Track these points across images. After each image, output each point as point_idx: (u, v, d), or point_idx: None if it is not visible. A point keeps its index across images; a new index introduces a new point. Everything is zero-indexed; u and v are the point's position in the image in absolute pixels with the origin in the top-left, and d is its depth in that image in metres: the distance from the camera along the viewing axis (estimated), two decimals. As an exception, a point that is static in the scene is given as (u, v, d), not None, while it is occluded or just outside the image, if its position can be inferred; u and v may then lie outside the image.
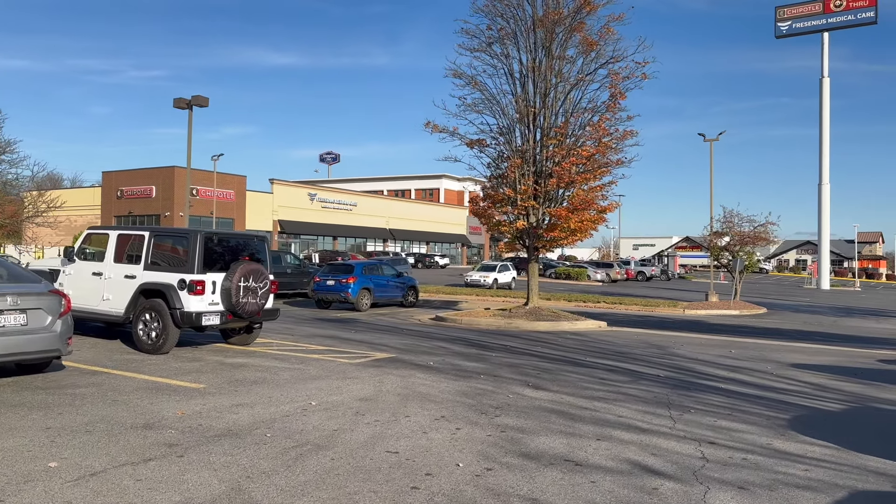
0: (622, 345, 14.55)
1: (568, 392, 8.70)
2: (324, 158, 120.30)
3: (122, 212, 60.13)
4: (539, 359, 11.71)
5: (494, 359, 11.45)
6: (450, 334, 15.44)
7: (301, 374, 9.15)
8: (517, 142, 19.57)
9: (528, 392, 8.60)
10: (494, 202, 20.19)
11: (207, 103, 33.25)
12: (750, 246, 32.57)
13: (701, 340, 16.11)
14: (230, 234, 12.04)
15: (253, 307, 10.58)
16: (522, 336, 15.74)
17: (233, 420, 6.56)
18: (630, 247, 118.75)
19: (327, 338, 13.50)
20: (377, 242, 74.87)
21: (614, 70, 18.43)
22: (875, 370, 11.87)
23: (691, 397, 8.67)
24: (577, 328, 18.13)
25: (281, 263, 25.83)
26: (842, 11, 64.09)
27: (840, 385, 10.04)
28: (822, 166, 64.52)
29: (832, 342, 17.29)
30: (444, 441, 6.12)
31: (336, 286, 21.94)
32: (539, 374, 10.06)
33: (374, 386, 8.52)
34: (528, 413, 7.39)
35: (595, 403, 8.05)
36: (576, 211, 18.77)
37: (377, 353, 11.38)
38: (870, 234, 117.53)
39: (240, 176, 60.37)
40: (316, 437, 6.05)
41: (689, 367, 11.41)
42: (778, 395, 9.09)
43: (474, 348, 12.86)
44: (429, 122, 19.04)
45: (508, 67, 19.57)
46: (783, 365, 12.07)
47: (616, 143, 18.88)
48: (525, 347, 13.33)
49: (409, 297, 24.53)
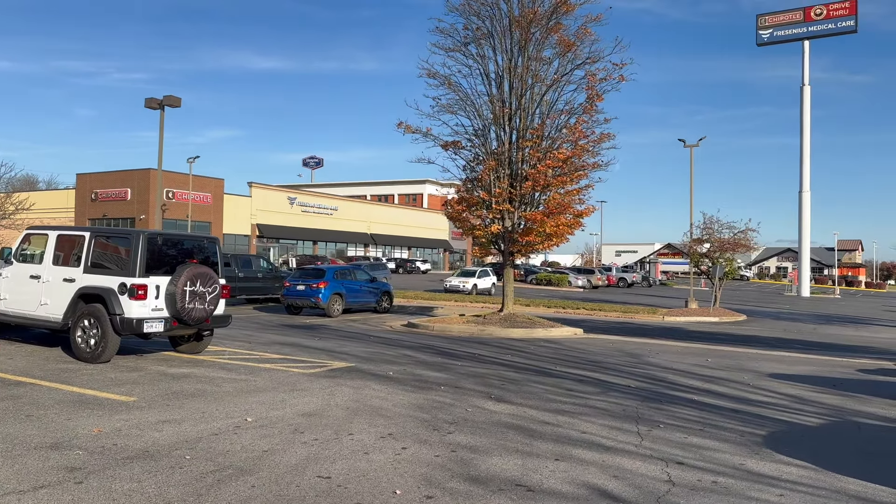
0: (596, 353, 14.04)
1: (532, 405, 8.15)
2: (307, 163, 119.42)
3: (97, 214, 58.90)
4: (507, 368, 11.16)
5: (460, 368, 10.87)
6: (419, 342, 14.85)
7: (246, 385, 8.51)
8: (492, 144, 19.08)
9: (489, 405, 8.04)
10: (469, 205, 19.66)
11: (179, 103, 32.49)
12: (730, 252, 32.30)
13: (677, 349, 15.65)
14: (177, 235, 11.37)
15: (200, 313, 9.91)
16: (494, 344, 15.19)
17: (153, 439, 5.92)
18: (613, 253, 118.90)
19: (287, 345, 12.85)
20: (358, 247, 74.07)
21: (591, 71, 18.03)
22: (854, 381, 11.45)
23: (662, 410, 8.15)
24: (551, 335, 17.61)
25: (252, 268, 25.15)
26: (822, 20, 64.58)
27: (819, 397, 9.59)
28: (802, 174, 64.84)
29: (811, 351, 16.93)
30: (386, 463, 5.53)
31: (306, 291, 21.28)
32: (504, 384, 9.50)
33: (322, 399, 7.90)
34: (484, 429, 6.82)
35: (559, 418, 7.50)
36: (551, 215, 18.28)
37: (335, 363, 10.76)
38: (849, 241, 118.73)
39: (217, 179, 59.40)
40: (241, 460, 5.43)
41: (662, 377, 10.91)
42: (754, 407, 8.60)
43: (441, 357, 12.28)
44: (401, 123, 18.50)
45: (484, 68, 19.10)
46: (760, 375, 11.61)
47: (593, 145, 18.45)
48: (494, 356, 12.77)
49: (383, 303, 23.91)
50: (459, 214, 19.94)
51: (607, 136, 18.37)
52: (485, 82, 19.10)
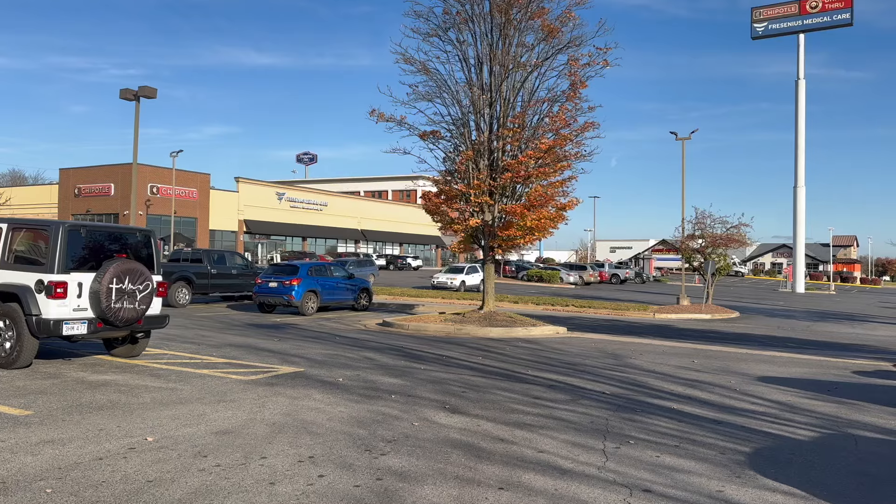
0: (575, 354, 13.14)
1: (489, 416, 7.24)
2: (301, 159, 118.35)
3: (80, 210, 57.77)
4: (473, 372, 10.25)
5: (421, 373, 9.96)
6: (387, 342, 13.93)
7: (169, 396, 7.58)
8: (472, 134, 18.13)
9: (441, 417, 7.12)
10: (448, 198, 18.72)
11: (155, 94, 31.54)
12: (722, 248, 31.44)
13: (663, 348, 14.77)
14: (105, 227, 10.42)
15: (130, 314, 8.97)
16: (469, 344, 14.27)
17: (20, 466, 4.99)
18: (607, 249, 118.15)
19: (241, 347, 11.92)
20: (349, 243, 73.09)
21: (574, 56, 17.09)
22: (850, 385, 10.57)
23: (635, 422, 7.25)
24: (531, 335, 16.70)
25: (226, 264, 24.18)
26: (818, 13, 63.72)
27: (812, 404, 8.70)
28: (797, 169, 64.06)
29: (805, 350, 16.06)
30: (290, 497, 4.61)
31: (279, 288, 20.34)
32: (465, 392, 8.59)
33: (248, 412, 6.98)
34: (425, 449, 5.91)
35: (516, 433, 6.59)
36: (533, 208, 17.36)
37: (284, 368, 9.83)
38: (845, 237, 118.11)
39: (203, 174, 58.30)
40: (113, 495, 4.51)
41: (641, 381, 10.01)
42: (739, 418, 7.71)
43: (405, 359, 11.36)
44: (374, 110, 17.50)
45: (462, 53, 18.14)
46: (749, 378, 10.73)
47: (576, 135, 17.52)
48: (463, 358, 11.85)
49: (361, 301, 22.99)
50: (437, 208, 19.01)
51: (591, 124, 17.44)
52: (463, 68, 18.16)
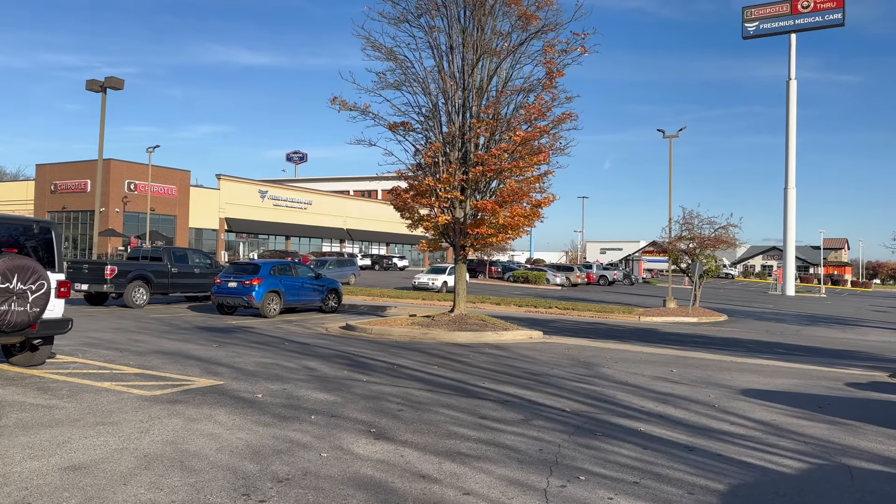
0: (543, 362, 12.03)
1: (419, 444, 6.11)
2: (290, 158, 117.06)
3: (56, 207, 56.36)
4: (422, 385, 9.11)
5: (360, 386, 8.81)
6: (340, 348, 12.78)
7: (41, 416, 6.41)
8: (443, 126, 17.01)
9: (360, 445, 5.99)
10: (418, 193, 17.57)
11: (122, 85, 30.41)
12: (711, 249, 30.44)
13: (642, 355, 13.68)
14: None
15: (20, 317, 7.79)
16: (430, 350, 13.14)
17: None
18: (598, 250, 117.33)
19: (168, 355, 10.74)
20: (334, 243, 71.84)
21: (549, 42, 15.99)
22: (844, 399, 9.51)
23: (591, 450, 6.14)
24: (502, 340, 15.59)
25: (187, 263, 22.95)
26: (809, 13, 62.99)
27: (800, 425, 7.62)
28: (788, 170, 63.31)
29: (794, 357, 15.02)
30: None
31: (238, 289, 19.14)
32: (401, 410, 7.45)
33: (124, 439, 5.82)
34: (321, 491, 4.77)
35: (445, 466, 5.47)
36: (505, 204, 16.26)
37: (202, 380, 8.66)
38: (835, 240, 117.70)
39: (183, 171, 56.97)
40: None
41: (610, 395, 8.91)
42: (716, 443, 6.62)
43: (350, 369, 10.22)
44: (335, 98, 16.29)
45: (433, 40, 17.02)
46: (731, 392, 9.65)
47: (553, 126, 16.43)
48: (417, 367, 10.72)
49: (329, 302, 21.82)
50: (406, 204, 17.86)
51: (568, 115, 16.36)
52: (434, 55, 17.05)
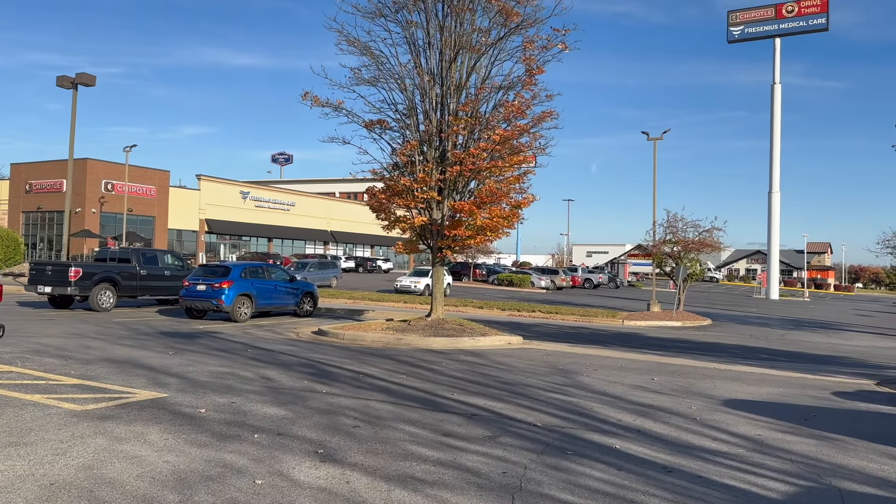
0: (520, 370, 11.48)
1: (370, 467, 5.53)
2: (276, 159, 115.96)
3: (31, 207, 55.16)
4: (386, 396, 8.52)
5: (318, 399, 8.20)
6: (306, 356, 12.15)
7: (-52, 435, 5.77)
8: (420, 124, 16.44)
9: (303, 470, 5.39)
10: (394, 193, 16.98)
11: (94, 82, 29.60)
12: (694, 253, 30.13)
13: (623, 362, 13.18)
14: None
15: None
16: (402, 357, 12.55)
17: None
18: (584, 254, 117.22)
19: (117, 363, 10.07)
20: (317, 245, 71.01)
21: (529, 38, 15.48)
22: (831, 411, 9.04)
23: (560, 472, 5.59)
24: (478, 346, 15.02)
25: (157, 265, 22.20)
26: (794, 17, 63.21)
27: (786, 441, 7.12)
28: (772, 174, 63.40)
29: (778, 363, 14.61)
30: None
31: (207, 292, 18.43)
32: (357, 427, 6.86)
33: (33, 462, 5.17)
34: (246, 525, 4.17)
35: (395, 494, 4.89)
36: (483, 205, 15.71)
37: (144, 392, 8.01)
38: (819, 244, 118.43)
39: (162, 171, 55.96)
40: None
41: (586, 407, 8.37)
42: (696, 462, 6.10)
43: (311, 379, 9.61)
44: (307, 93, 15.66)
45: (410, 36, 16.45)
46: (713, 402, 9.15)
47: (533, 125, 15.91)
48: (384, 377, 10.12)
49: (304, 306, 21.15)
50: (383, 205, 17.26)
51: (549, 114, 15.85)
52: (411, 51, 16.48)
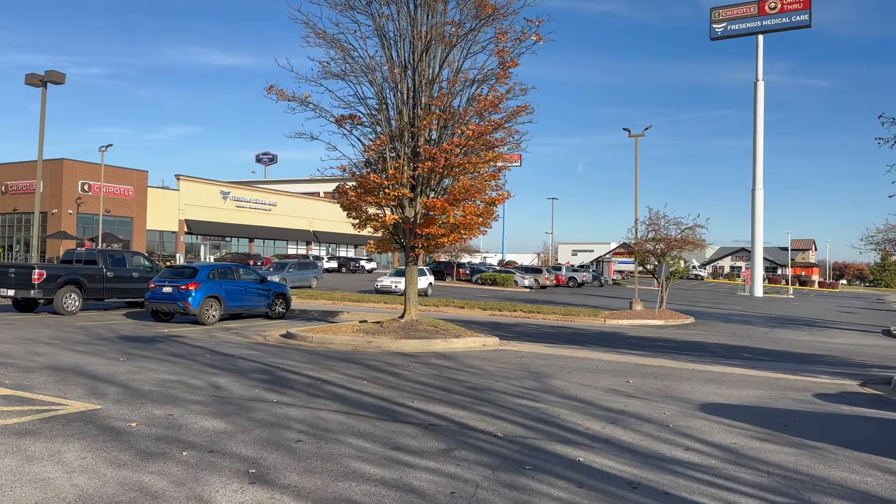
0: (490, 373, 10.98)
1: (303, 489, 4.98)
2: (260, 159, 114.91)
3: (7, 209, 54.05)
4: (340, 405, 7.98)
5: (265, 409, 7.64)
6: (266, 361, 11.58)
7: None
8: (391, 119, 15.90)
9: (227, 494, 4.84)
10: (365, 191, 16.42)
11: (64, 80, 28.77)
12: (677, 251, 29.80)
13: (599, 364, 12.72)
14: None
15: None
16: (368, 362, 12.00)
17: None
18: (569, 252, 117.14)
19: (60, 371, 9.45)
20: (300, 245, 70.26)
21: (501, 29, 14.98)
22: (812, 415, 8.61)
23: (515, 491, 5.07)
24: (451, 348, 14.51)
25: (125, 266, 21.51)
26: (776, 14, 63.25)
27: (763, 450, 6.66)
28: (755, 172, 63.43)
29: (760, 363, 14.22)
30: None
31: (174, 294, 17.80)
32: (300, 441, 6.31)
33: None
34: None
35: (324, 519, 4.35)
36: (457, 202, 15.21)
37: (76, 404, 7.42)
38: (803, 241, 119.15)
39: (140, 171, 55.07)
40: None
41: (553, 414, 7.88)
42: (665, 476, 5.61)
43: (264, 387, 9.04)
44: (272, 87, 15.08)
45: (380, 28, 15.90)
46: (689, 407, 8.70)
47: (507, 120, 15.43)
48: (344, 383, 9.58)
49: (276, 307, 20.54)
50: (354, 203, 16.70)
51: (524, 108, 15.38)
52: (382, 43, 15.93)
